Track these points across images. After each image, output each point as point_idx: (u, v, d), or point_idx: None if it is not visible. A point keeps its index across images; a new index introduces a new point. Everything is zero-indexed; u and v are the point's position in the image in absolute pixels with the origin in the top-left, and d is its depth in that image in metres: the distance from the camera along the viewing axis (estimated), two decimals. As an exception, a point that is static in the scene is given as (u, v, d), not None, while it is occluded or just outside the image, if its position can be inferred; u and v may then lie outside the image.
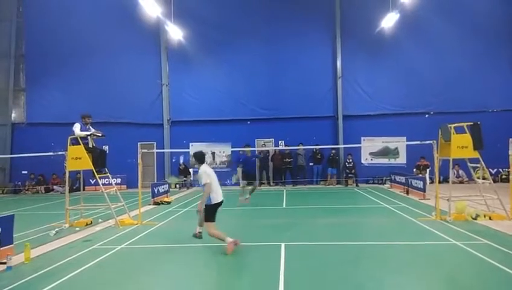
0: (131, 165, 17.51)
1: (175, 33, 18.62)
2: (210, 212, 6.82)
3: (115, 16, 20.37)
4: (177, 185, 19.52)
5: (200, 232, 7.69)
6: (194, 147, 19.88)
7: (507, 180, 10.68)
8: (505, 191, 9.44)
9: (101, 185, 9.87)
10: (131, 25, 19.72)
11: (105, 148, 13.39)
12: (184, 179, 19.98)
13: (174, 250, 7.12)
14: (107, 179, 12.42)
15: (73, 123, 9.73)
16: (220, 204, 6.98)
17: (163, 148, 19.94)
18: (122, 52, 20.62)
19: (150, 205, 13.00)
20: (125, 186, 19.67)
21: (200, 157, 7.45)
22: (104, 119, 18.33)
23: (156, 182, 17.30)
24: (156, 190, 13.87)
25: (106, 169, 10.34)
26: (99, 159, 9.92)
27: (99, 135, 10.04)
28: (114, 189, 10.24)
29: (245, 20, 20.64)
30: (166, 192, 15.12)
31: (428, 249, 6.64)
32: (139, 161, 10.17)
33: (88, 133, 9.78)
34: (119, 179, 19.36)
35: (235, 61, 20.58)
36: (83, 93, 20.48)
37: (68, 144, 9.56)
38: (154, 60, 20.86)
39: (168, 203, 13.66)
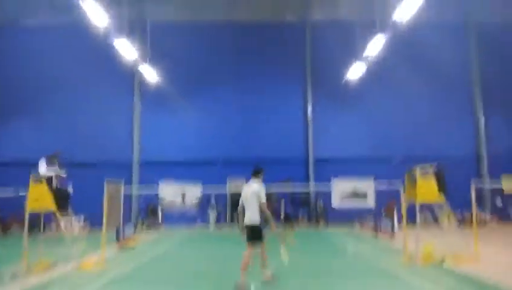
0: (96, 205, 16.74)
1: (149, 74, 18.78)
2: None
3: (89, 54, 20.40)
4: (144, 226, 18.84)
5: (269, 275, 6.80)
6: (164, 186, 19.49)
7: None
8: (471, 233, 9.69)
9: (63, 227, 9.38)
10: (105, 64, 19.76)
11: (70, 188, 12.87)
12: (152, 219, 19.33)
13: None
14: (70, 222, 11.84)
15: (33, 164, 9.38)
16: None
17: (131, 189, 19.37)
18: (95, 91, 20.50)
19: (114, 248, 12.39)
20: (89, 225, 18.73)
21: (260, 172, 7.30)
22: (72, 160, 17.69)
23: (121, 224, 16.61)
24: (121, 233, 13.29)
25: (69, 211, 9.88)
26: (62, 199, 9.50)
27: (63, 175, 9.70)
28: (76, 230, 9.75)
29: (220, 65, 21.24)
30: (131, 235, 14.50)
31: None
32: (105, 199, 9.78)
33: (52, 174, 9.41)
34: (83, 218, 18.39)
35: (208, 105, 20.87)
36: (51, 131, 19.94)
37: (30, 182, 9.13)
38: (126, 99, 20.82)
39: (133, 248, 13.07)
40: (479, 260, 9.02)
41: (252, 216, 6.62)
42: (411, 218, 12.90)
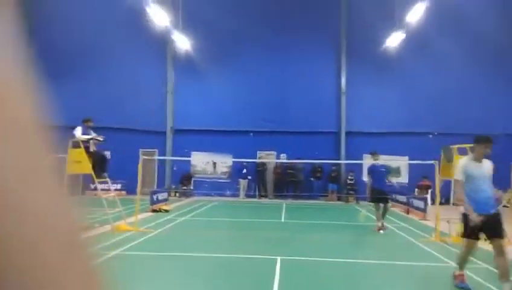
0: (132, 171, 17.43)
1: (182, 42, 18.81)
2: (468, 223, 5.06)
3: (123, 22, 20.55)
4: (177, 194, 19.48)
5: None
6: (196, 154, 19.91)
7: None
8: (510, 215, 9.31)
9: (100, 190, 9.84)
10: (138, 31, 19.89)
11: (107, 153, 13.40)
12: (184, 187, 19.92)
13: (168, 258, 7.04)
14: (107, 185, 12.38)
15: (74, 127, 9.74)
16: (484, 218, 4.89)
17: (165, 156, 19.92)
18: (128, 59, 20.76)
19: (148, 212, 12.93)
20: (125, 192, 19.58)
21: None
22: (107, 125, 18.32)
23: (156, 189, 17.25)
24: (155, 197, 13.81)
25: (106, 174, 10.32)
26: (99, 163, 9.92)
27: (100, 139, 10.05)
28: (112, 194, 10.20)
29: (252, 32, 20.83)
30: (165, 200, 15.04)
31: (425, 271, 6.55)
32: (140, 167, 10.15)
33: (89, 137, 9.79)
34: (119, 185, 19.29)
35: (240, 73, 20.71)
36: (86, 97, 20.57)
37: (69, 146, 9.56)
38: (160, 67, 21.05)
39: (167, 211, 13.57)
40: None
41: None
42: (445, 196, 12.48)
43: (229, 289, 5.42)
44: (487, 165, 5.14)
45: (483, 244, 8.56)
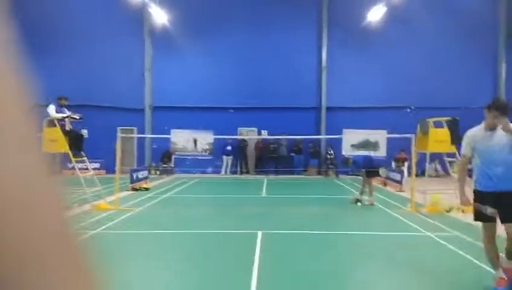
0: (110, 150, 17.09)
1: (159, 17, 18.26)
2: (475, 204, 4.36)
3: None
4: (158, 172, 19.36)
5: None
6: (176, 131, 19.73)
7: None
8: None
9: (77, 169, 9.66)
10: (114, 6, 19.19)
11: (84, 132, 13.09)
12: (164, 165, 19.80)
13: (150, 236, 7.07)
14: (84, 163, 12.16)
15: (47, 105, 9.45)
16: (489, 197, 4.19)
17: (144, 134, 19.65)
18: (105, 35, 20.07)
19: (128, 190, 12.83)
20: (104, 171, 19.32)
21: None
22: (83, 102, 17.87)
23: (135, 167, 17.08)
24: (134, 176, 13.69)
25: (83, 153, 10.11)
26: (76, 142, 9.70)
27: (77, 117, 9.79)
28: (91, 173, 10.05)
29: (232, 6, 20.37)
30: (145, 178, 14.94)
31: (401, 240, 6.81)
32: (118, 145, 10.01)
33: (65, 115, 9.52)
34: (98, 164, 18.97)
35: (220, 48, 20.36)
36: (61, 75, 19.87)
37: (44, 125, 9.29)
38: (137, 43, 20.44)
39: (147, 189, 13.50)
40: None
41: None
42: (421, 169, 12.85)
43: (211, 263, 5.49)
44: (502, 135, 4.19)
45: (461, 216, 8.91)
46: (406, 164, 15.90)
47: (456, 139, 9.42)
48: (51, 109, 9.32)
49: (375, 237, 7.07)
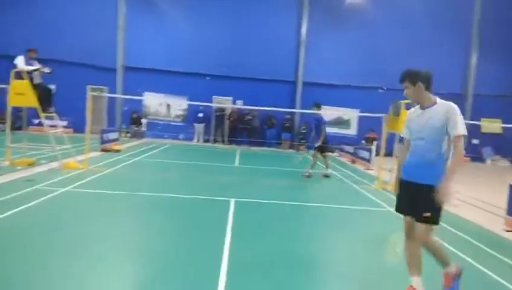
0: (79, 108, 16.46)
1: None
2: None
3: None
4: (128, 134, 18.99)
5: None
6: (149, 94, 19.28)
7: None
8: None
9: (46, 125, 9.33)
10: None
11: (53, 87, 12.53)
12: (135, 128, 19.43)
13: (120, 197, 7.04)
14: (53, 120, 11.73)
15: (15, 56, 8.96)
16: (405, 184, 3.46)
17: (115, 94, 19.05)
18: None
19: (98, 151, 12.56)
20: (72, 130, 18.72)
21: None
22: (52, 57, 16.95)
23: (106, 128, 16.65)
24: (105, 137, 13.39)
25: (53, 109, 9.73)
26: (45, 97, 9.30)
27: (47, 71, 9.33)
28: (60, 130, 9.74)
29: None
30: (116, 140, 14.65)
31: (363, 213, 7.20)
32: (89, 104, 9.71)
33: (34, 68, 9.06)
34: (66, 122, 18.32)
35: (200, 14, 19.77)
36: (31, 26, 18.71)
37: (11, 77, 8.82)
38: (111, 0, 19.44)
39: (118, 151, 13.27)
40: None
41: None
42: (390, 149, 13.32)
43: (186, 225, 5.59)
44: (435, 112, 3.42)
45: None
46: (375, 143, 16.42)
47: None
48: (20, 61, 8.84)
49: (340, 209, 7.40)
